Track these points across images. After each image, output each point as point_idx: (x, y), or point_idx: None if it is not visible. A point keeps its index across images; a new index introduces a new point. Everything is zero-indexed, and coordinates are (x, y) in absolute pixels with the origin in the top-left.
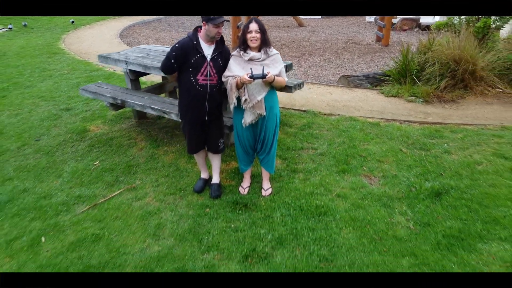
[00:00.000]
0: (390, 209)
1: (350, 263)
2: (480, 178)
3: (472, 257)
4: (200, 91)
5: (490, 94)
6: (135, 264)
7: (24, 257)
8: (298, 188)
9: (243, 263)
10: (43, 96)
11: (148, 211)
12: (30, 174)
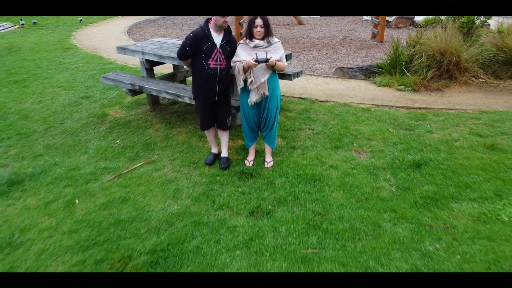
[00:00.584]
0: (376, 176)
1: (339, 216)
2: (456, 152)
3: (444, 213)
4: (211, 74)
5: (473, 83)
6: (158, 218)
7: (62, 215)
8: (296, 161)
9: (249, 217)
10: (62, 86)
11: (167, 179)
12: (59, 151)
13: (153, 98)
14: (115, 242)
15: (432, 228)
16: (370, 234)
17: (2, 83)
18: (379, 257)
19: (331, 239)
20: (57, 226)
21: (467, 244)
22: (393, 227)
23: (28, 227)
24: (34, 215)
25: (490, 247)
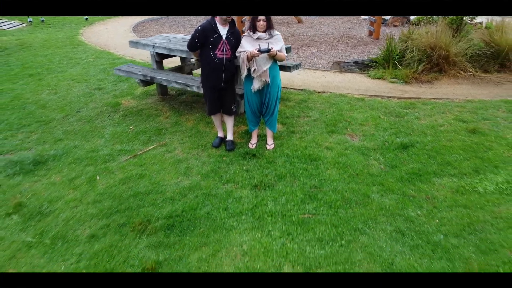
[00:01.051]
0: (366, 156)
1: (333, 189)
2: (440, 136)
3: (426, 186)
4: (218, 63)
5: (462, 76)
6: (172, 191)
7: (85, 188)
8: (295, 144)
9: (253, 190)
10: (75, 78)
11: (178, 159)
12: (77, 136)
13: (162, 89)
14: (135, 210)
15: (415, 198)
16: (360, 203)
17: (18, 76)
18: (367, 221)
19: (325, 207)
20: (81, 198)
21: (445, 211)
22: (380, 198)
23: (55, 199)
24: (60, 189)
25: (465, 213)
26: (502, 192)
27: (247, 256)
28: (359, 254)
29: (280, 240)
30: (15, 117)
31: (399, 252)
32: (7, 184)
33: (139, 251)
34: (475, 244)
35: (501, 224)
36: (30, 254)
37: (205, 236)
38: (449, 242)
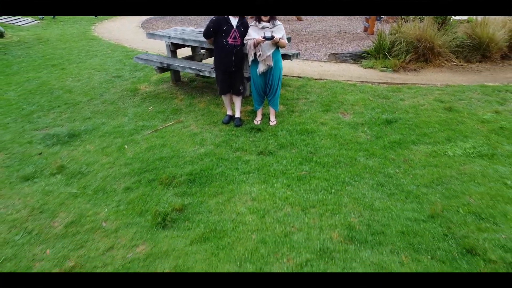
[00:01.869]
0: (355, 129)
1: (326, 154)
2: (421, 113)
3: (405, 152)
4: (229, 49)
5: (446, 65)
6: (191, 156)
7: (116, 155)
8: (294, 120)
9: (258, 155)
10: (95, 68)
11: (194, 132)
12: (103, 115)
13: (175, 75)
14: (161, 169)
15: (394, 160)
16: (348, 164)
17: (41, 66)
18: (353, 176)
19: (319, 167)
20: (114, 161)
21: (419, 169)
22: (365, 160)
23: (92, 162)
24: (94, 156)
25: (436, 171)
26: (468, 155)
27: (255, 201)
28: (345, 199)
29: (281, 189)
30: (44, 100)
31: (378, 197)
32: (47, 152)
33: (167, 198)
34: (441, 192)
35: (464, 178)
36: (77, 201)
37: (220, 188)
38: (420, 191)
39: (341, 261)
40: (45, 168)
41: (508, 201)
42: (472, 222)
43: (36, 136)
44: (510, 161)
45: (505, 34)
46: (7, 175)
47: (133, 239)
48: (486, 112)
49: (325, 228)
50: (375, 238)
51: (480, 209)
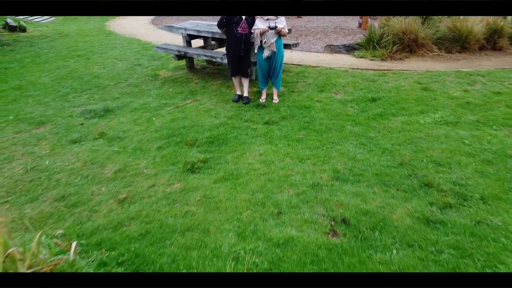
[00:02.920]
0: (345, 105)
1: (320, 123)
2: (401, 92)
3: (385, 121)
4: (239, 37)
5: (428, 55)
6: (208, 125)
7: (146, 125)
8: (294, 99)
9: (264, 124)
10: (117, 57)
11: (209, 108)
12: (130, 95)
13: (190, 63)
14: (185, 134)
15: (375, 127)
16: (337, 130)
17: (67, 56)
18: (341, 139)
19: (313, 132)
20: (145, 129)
21: (395, 133)
22: (351, 128)
23: (127, 130)
24: (128, 125)
25: (408, 134)
26: (436, 123)
27: (263, 155)
28: (334, 153)
29: (283, 148)
30: (76, 84)
31: (360, 152)
32: (87, 123)
33: (193, 153)
34: (411, 148)
35: (430, 139)
36: (120, 156)
37: (234, 147)
38: (394, 148)
39: (328, 191)
40: (89, 134)
41: (463, 154)
42: (432, 167)
43: (75, 111)
44: (470, 127)
45: (483, 27)
46: (58, 139)
47: (169, 180)
48: (456, 91)
49: (317, 172)
50: (355, 178)
51: (440, 159)
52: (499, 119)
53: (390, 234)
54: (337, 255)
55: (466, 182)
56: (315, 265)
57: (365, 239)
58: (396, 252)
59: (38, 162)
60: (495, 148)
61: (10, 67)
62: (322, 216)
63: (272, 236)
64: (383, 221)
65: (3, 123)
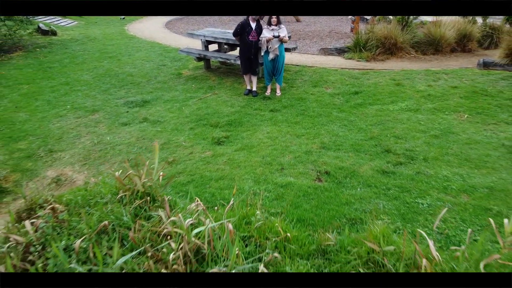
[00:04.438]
0: (333, 97)
1: (312, 111)
2: (378, 87)
3: (363, 109)
4: (250, 43)
5: (406, 57)
6: (226, 112)
7: (178, 112)
8: (293, 92)
9: (269, 112)
10: (143, 59)
11: (225, 100)
12: (160, 90)
13: (207, 63)
14: (209, 119)
15: (355, 113)
16: (326, 115)
17: (101, 58)
18: (328, 122)
19: (308, 117)
20: (178, 116)
21: (370, 118)
22: (337, 114)
23: (163, 116)
24: (164, 112)
25: (379, 118)
26: (402, 110)
27: (269, 133)
28: (322, 132)
29: (284, 128)
30: (114, 81)
31: (342, 131)
32: (131, 111)
33: (217, 132)
34: (379, 127)
35: (396, 121)
36: (162, 134)
37: (247, 128)
38: (367, 127)
39: (317, 155)
40: (135, 119)
41: (418, 131)
42: (393, 140)
43: (119, 102)
44: (427, 113)
45: (454, 33)
46: (111, 122)
47: (202, 149)
48: (422, 86)
49: (309, 144)
50: (336, 147)
51: (400, 134)
52: (451, 107)
53: (356, 179)
54: (320, 191)
55: (415, 149)
56: (305, 197)
57: (340, 183)
58: (359, 190)
59: (101, 138)
60: (442, 127)
61: (53, 67)
62: (311, 170)
63: (277, 181)
64: (353, 172)
65: (63, 111)
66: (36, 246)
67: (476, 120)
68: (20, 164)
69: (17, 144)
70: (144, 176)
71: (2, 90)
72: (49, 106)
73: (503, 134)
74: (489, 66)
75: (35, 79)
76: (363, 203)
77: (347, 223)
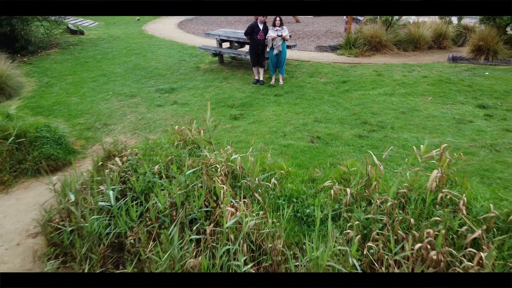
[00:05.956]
0: (325, 85)
1: (309, 96)
2: (363, 77)
3: (350, 94)
4: (258, 41)
5: (389, 53)
6: (239, 97)
7: (200, 97)
8: (293, 81)
9: (274, 96)
10: (165, 55)
11: (238, 88)
12: (184, 80)
13: (220, 58)
14: (226, 101)
15: (343, 97)
16: (319, 99)
17: (128, 54)
18: (321, 103)
19: (305, 100)
20: (201, 99)
21: (354, 100)
22: (328, 97)
23: (189, 99)
24: (189, 97)
25: (361, 100)
26: (380, 94)
27: (274, 112)
28: (316, 110)
29: (286, 108)
30: (143, 73)
31: (331, 110)
32: (162, 96)
33: (233, 111)
34: (360, 107)
35: (374, 103)
36: (190, 113)
37: (257, 108)
38: (351, 107)
39: (311, 126)
40: (167, 102)
41: (390, 109)
42: (370, 115)
43: (151, 89)
44: (399, 96)
45: (431, 32)
46: (148, 104)
47: (223, 122)
48: (398, 76)
49: (306, 118)
50: (326, 121)
51: (376, 111)
52: (419, 91)
53: (339, 141)
54: (313, 149)
55: (386, 121)
56: (302, 153)
57: (327, 143)
58: (341, 147)
59: (143, 115)
60: (410, 106)
61: (88, 61)
62: (306, 136)
63: (281, 143)
64: (337, 137)
65: (108, 96)
66: (127, 171)
67: (438, 101)
68: (83, 134)
69: (76, 119)
70: (193, 130)
71: (51, 80)
72: (94, 92)
73: (456, 111)
74: (457, 60)
75: (75, 71)
76: (343, 155)
77: (331, 166)
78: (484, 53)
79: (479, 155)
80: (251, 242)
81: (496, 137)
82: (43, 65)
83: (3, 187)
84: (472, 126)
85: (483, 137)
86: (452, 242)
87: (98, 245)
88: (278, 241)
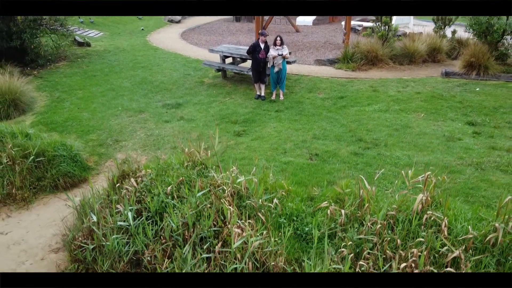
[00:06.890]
0: (324, 100)
1: (308, 111)
2: (359, 93)
3: (346, 110)
4: (260, 59)
5: (385, 67)
6: (242, 113)
7: (205, 112)
8: (292, 97)
9: (275, 112)
10: (171, 69)
11: (240, 103)
12: (189, 95)
13: (224, 73)
14: (230, 117)
15: (340, 113)
16: (317, 115)
17: (135, 67)
18: (319, 120)
19: (304, 116)
20: (206, 115)
21: (350, 116)
22: (326, 113)
23: (195, 115)
24: (195, 113)
25: (357, 116)
26: (375, 110)
27: (275, 128)
28: (314, 127)
29: (286, 124)
30: (150, 87)
31: (329, 126)
32: (169, 111)
33: (236, 127)
34: (356, 124)
35: (369, 119)
36: (196, 128)
37: (259, 124)
38: (348, 123)
39: (310, 143)
40: (174, 118)
41: (384, 126)
42: (365, 132)
43: (158, 104)
44: (394, 113)
45: (425, 47)
46: (156, 120)
47: (227, 139)
48: (393, 92)
49: (305, 135)
50: (324, 137)
51: (371, 128)
52: (412, 108)
53: (336, 159)
54: (312, 166)
55: (380, 138)
56: (301, 170)
57: (325, 161)
58: (338, 165)
59: (152, 131)
60: (403, 123)
61: (96, 75)
62: (306, 153)
63: (282, 160)
64: (334, 154)
65: (117, 111)
66: (141, 192)
67: (430, 118)
68: (96, 150)
69: (88, 136)
70: (202, 152)
71: (62, 94)
72: (104, 107)
73: (446, 128)
74: (449, 75)
75: (85, 86)
76: (339, 173)
77: (328, 184)
78: (475, 69)
79: (465, 173)
80: (256, 260)
81: (483, 155)
82: (53, 79)
83: (24, 203)
84: (460, 144)
85: (470, 155)
86: (434, 260)
87: (119, 261)
88: (279, 258)
